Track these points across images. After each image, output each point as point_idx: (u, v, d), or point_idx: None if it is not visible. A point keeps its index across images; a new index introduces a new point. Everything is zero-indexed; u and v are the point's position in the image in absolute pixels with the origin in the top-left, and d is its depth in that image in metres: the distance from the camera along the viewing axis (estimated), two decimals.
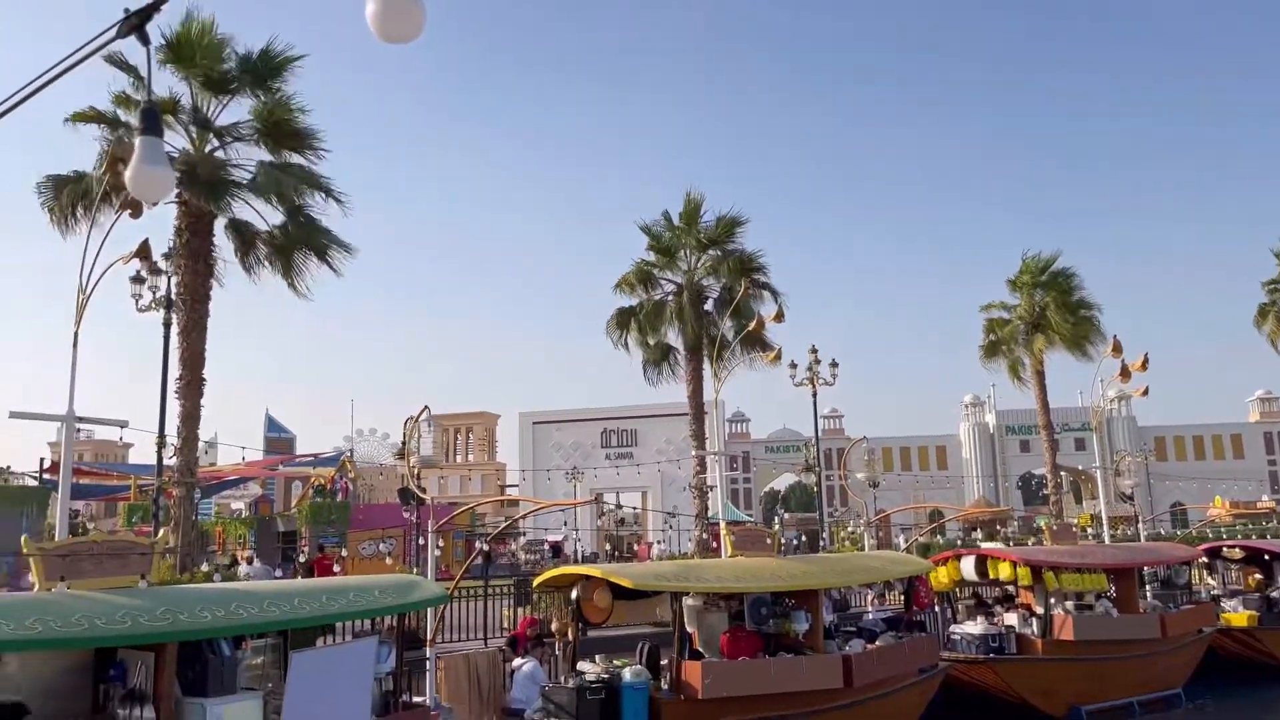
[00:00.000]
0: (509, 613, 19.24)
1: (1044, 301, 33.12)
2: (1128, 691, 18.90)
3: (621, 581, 12.93)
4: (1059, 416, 50.81)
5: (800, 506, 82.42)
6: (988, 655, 17.79)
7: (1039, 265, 33.76)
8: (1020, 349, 34.07)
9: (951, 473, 69.29)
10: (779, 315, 21.94)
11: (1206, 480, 63.96)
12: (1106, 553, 20.79)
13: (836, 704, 13.96)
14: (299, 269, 21.37)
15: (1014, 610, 19.31)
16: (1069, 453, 60.89)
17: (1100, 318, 33.30)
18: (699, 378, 30.00)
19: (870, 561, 17.93)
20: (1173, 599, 21.86)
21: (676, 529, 44.59)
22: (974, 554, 19.78)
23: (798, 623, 14.20)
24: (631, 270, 31.29)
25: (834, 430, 66.28)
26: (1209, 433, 69.90)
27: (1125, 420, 67.25)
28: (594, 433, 69.70)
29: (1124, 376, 27.07)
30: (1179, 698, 19.80)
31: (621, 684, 12.38)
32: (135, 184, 4.81)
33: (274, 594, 9.04)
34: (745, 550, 14.95)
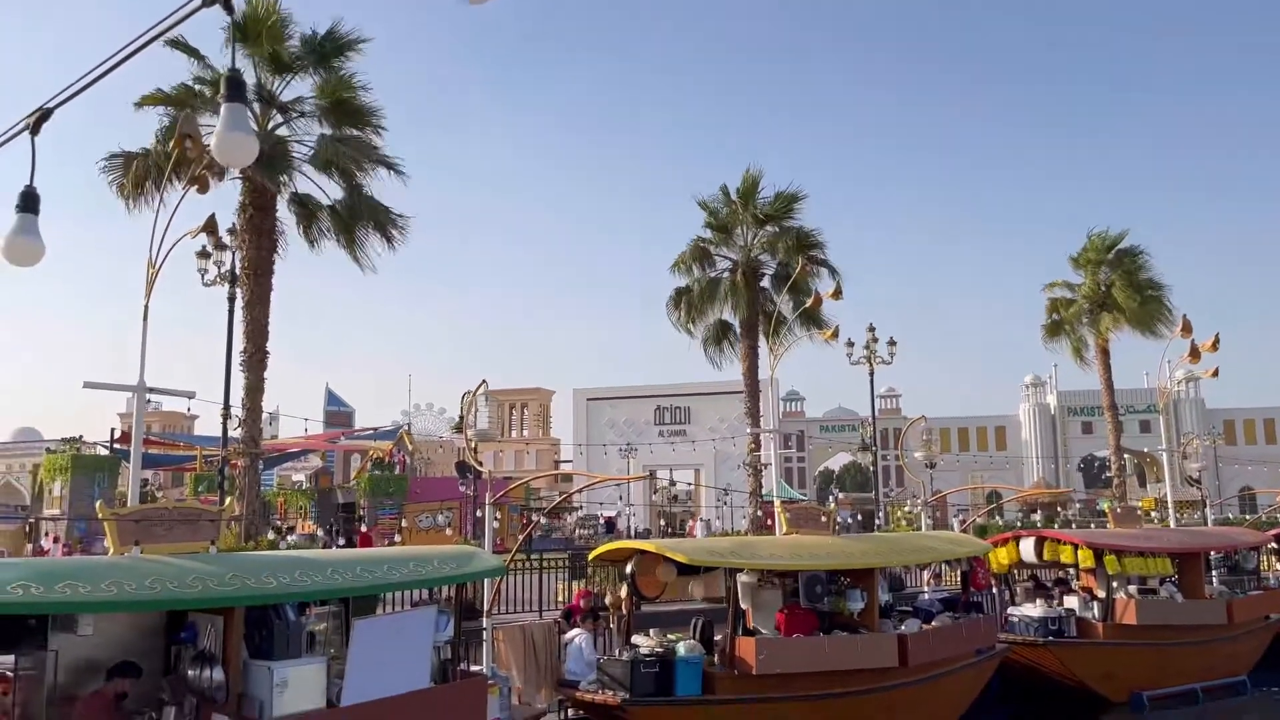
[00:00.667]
0: (564, 586, 19.45)
1: (1110, 280, 32.35)
2: (1191, 678, 18.51)
3: (676, 557, 12.98)
4: (1122, 398, 49.70)
5: (855, 486, 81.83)
6: (1047, 638, 17.56)
7: (1105, 243, 32.96)
8: (1084, 328, 33.38)
9: (1010, 454, 68.26)
10: (837, 292, 21.68)
11: (1277, 464, 62.18)
12: (1171, 536, 20.35)
13: (891, 683, 13.90)
14: (360, 242, 21.70)
15: (1074, 594, 19.02)
16: (1133, 435, 59.53)
17: (1170, 297, 32.48)
18: (754, 355, 29.90)
19: (927, 541, 17.75)
20: (1240, 585, 21.34)
21: (730, 506, 44.66)
22: (1034, 535, 19.49)
23: (853, 601, 14.13)
24: (688, 249, 31.23)
25: (891, 410, 65.61)
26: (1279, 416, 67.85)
27: (1193, 402, 65.60)
28: (647, 410, 69.87)
29: (1193, 357, 26.39)
30: (1244, 685, 19.35)
31: (675, 658, 12.45)
32: (221, 149, 4.94)
33: (337, 562, 9.24)
34: (800, 528, 14.91)
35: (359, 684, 8.77)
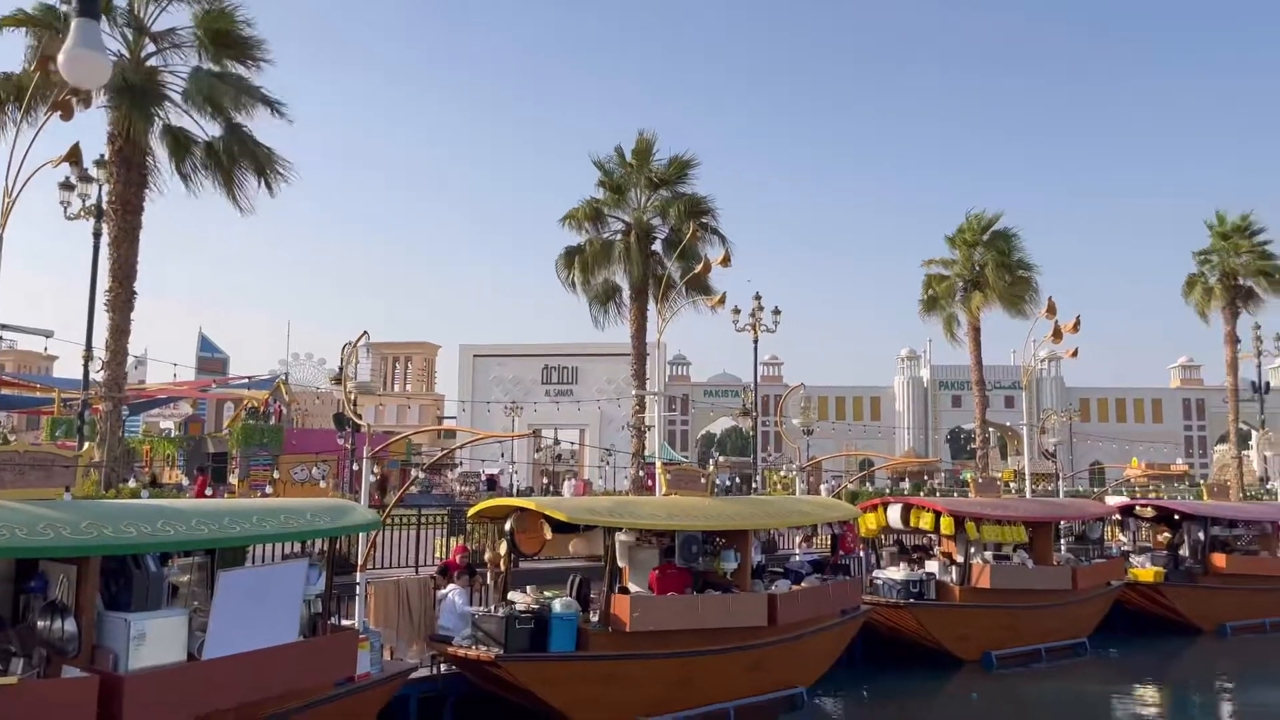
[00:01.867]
0: (442, 543, 19.30)
1: (984, 260, 33.62)
2: (1037, 639, 19.69)
3: (556, 515, 13.03)
4: (991, 374, 51.95)
5: (736, 451, 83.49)
6: (908, 600, 18.37)
7: (981, 224, 34.19)
8: (957, 306, 34.66)
9: (884, 424, 70.64)
10: (725, 260, 21.93)
11: (1126, 441, 66.19)
12: (1026, 507, 21.45)
13: (760, 641, 14.34)
14: (239, 183, 20.80)
15: (934, 558, 19.92)
16: (998, 409, 62.38)
17: (1038, 279, 33.97)
18: (643, 318, 30.04)
19: (800, 505, 18.28)
20: (1085, 553, 22.69)
21: (613, 467, 44.98)
22: (901, 502, 20.30)
23: (727, 561, 14.48)
24: (581, 206, 31.03)
25: (773, 377, 66.98)
26: (1131, 396, 72.13)
27: (1054, 380, 69.02)
28: (534, 368, 69.51)
29: (1056, 337, 27.71)
30: (1084, 646, 20.69)
31: (551, 614, 12.54)
32: (69, 67, 4.55)
33: (203, 513, 8.94)
34: (679, 489, 15.15)
35: (222, 637, 8.54)
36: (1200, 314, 38.17)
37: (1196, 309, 38.19)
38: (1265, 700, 17.53)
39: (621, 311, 31.30)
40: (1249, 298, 37.62)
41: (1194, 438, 70.74)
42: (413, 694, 12.59)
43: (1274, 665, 20.89)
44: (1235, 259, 37.07)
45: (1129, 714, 16.91)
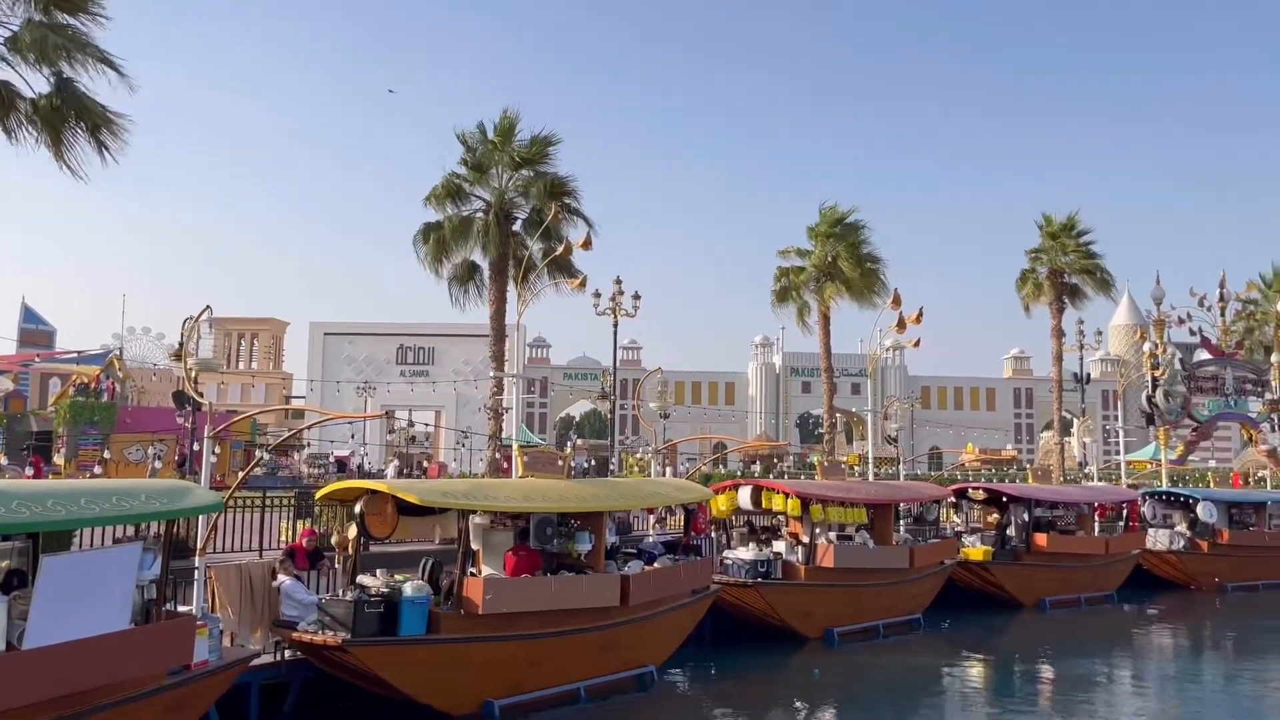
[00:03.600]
0: (288, 526, 18.69)
1: (836, 251, 34.78)
2: (876, 615, 20.64)
3: (408, 497, 12.81)
4: (839, 362, 53.82)
5: (594, 434, 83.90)
6: (756, 579, 18.94)
7: (835, 216, 35.36)
8: (809, 295, 35.77)
9: (738, 408, 72.34)
10: (587, 242, 21.96)
11: (962, 428, 69.97)
12: (868, 489, 22.40)
13: (613, 621, 14.53)
14: (68, 144, 19.38)
15: (783, 539, 20.59)
16: (846, 396, 64.79)
17: (885, 271, 35.39)
18: (502, 299, 29.74)
19: (654, 488, 18.58)
20: (922, 533, 23.89)
21: (470, 449, 44.49)
22: (751, 484, 20.89)
23: (581, 543, 14.58)
24: (441, 184, 30.41)
25: (632, 361, 67.56)
26: (968, 385, 76.21)
27: (898, 369, 72.16)
28: (389, 348, 67.94)
29: (900, 328, 28.99)
30: (919, 622, 21.83)
31: (401, 598, 12.35)
32: None
33: (24, 494, 8.38)
34: (535, 472, 15.14)
35: (45, 625, 8.06)
36: (1025, 308, 40.70)
37: (1025, 303, 40.68)
38: (1077, 670, 18.89)
39: (481, 292, 30.90)
40: (1074, 294, 40.28)
41: (1023, 425, 75.34)
42: (254, 682, 12.18)
43: (1085, 637, 22.52)
44: (1062, 257, 39.62)
45: (958, 685, 17.94)
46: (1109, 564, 27.02)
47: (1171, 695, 17.54)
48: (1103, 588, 26.80)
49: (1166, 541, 29.58)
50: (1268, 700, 17.23)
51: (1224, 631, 24.56)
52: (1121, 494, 29.79)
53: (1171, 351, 37.55)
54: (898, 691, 16.76)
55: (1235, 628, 24.76)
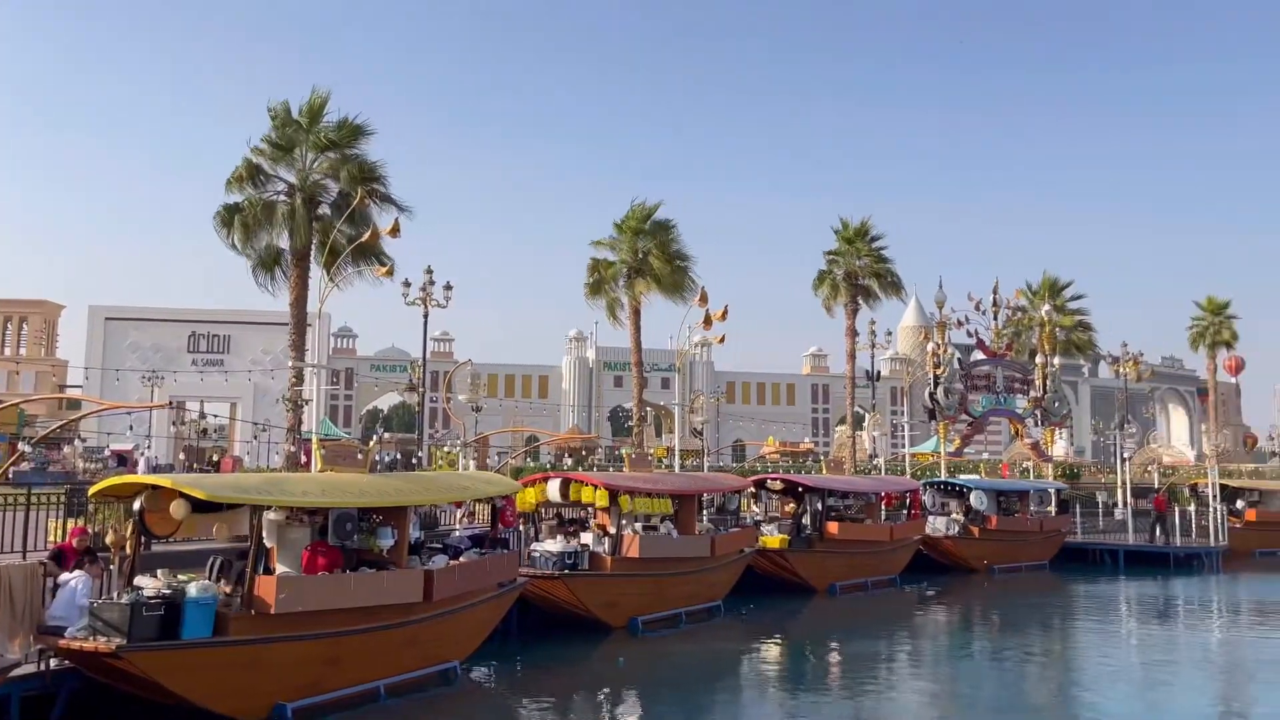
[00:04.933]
0: (58, 525, 17.22)
1: (648, 248, 35.42)
2: (679, 603, 21.21)
3: (193, 493, 12.09)
4: (650, 357, 54.84)
5: (402, 427, 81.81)
6: (562, 571, 19.05)
7: (644, 213, 35.97)
8: (621, 290, 36.26)
9: (551, 402, 72.43)
10: (395, 229, 21.36)
11: (764, 421, 72.82)
12: (674, 481, 22.97)
13: (416, 617, 14.25)
14: None
15: (590, 531, 20.80)
16: (656, 390, 66.11)
17: (695, 269, 36.34)
18: (305, 285, 28.56)
19: (461, 481, 18.36)
20: (724, 523, 24.72)
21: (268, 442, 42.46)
22: (560, 477, 20.99)
23: (383, 538, 14.22)
24: (244, 164, 28.84)
25: (443, 353, 66.33)
26: (770, 381, 79.45)
27: (706, 365, 74.25)
28: (180, 335, 63.80)
29: (707, 325, 29.91)
30: (719, 609, 22.59)
31: (185, 599, 11.64)
32: None
33: None
34: (335, 465, 14.63)
35: None
36: (826, 308, 42.84)
37: (824, 303, 42.80)
38: (863, 650, 20.10)
39: (285, 277, 29.53)
40: (868, 295, 42.71)
41: (820, 419, 79.22)
42: (14, 693, 11.20)
43: (871, 619, 23.99)
44: (856, 261, 41.93)
45: (754, 668, 18.70)
46: (893, 550, 28.84)
47: (946, 669, 18.94)
48: (888, 572, 28.57)
49: (944, 528, 31.87)
50: (1029, 669, 18.91)
51: (992, 609, 26.72)
52: (905, 484, 31.87)
53: (951, 352, 40.43)
54: (697, 676, 17.27)
55: (1001, 606, 26.98)
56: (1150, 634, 23.73)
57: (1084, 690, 17.19)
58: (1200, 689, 17.35)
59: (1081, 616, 25.82)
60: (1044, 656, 20.48)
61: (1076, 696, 16.72)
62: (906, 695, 16.38)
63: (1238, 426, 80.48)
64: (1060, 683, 17.88)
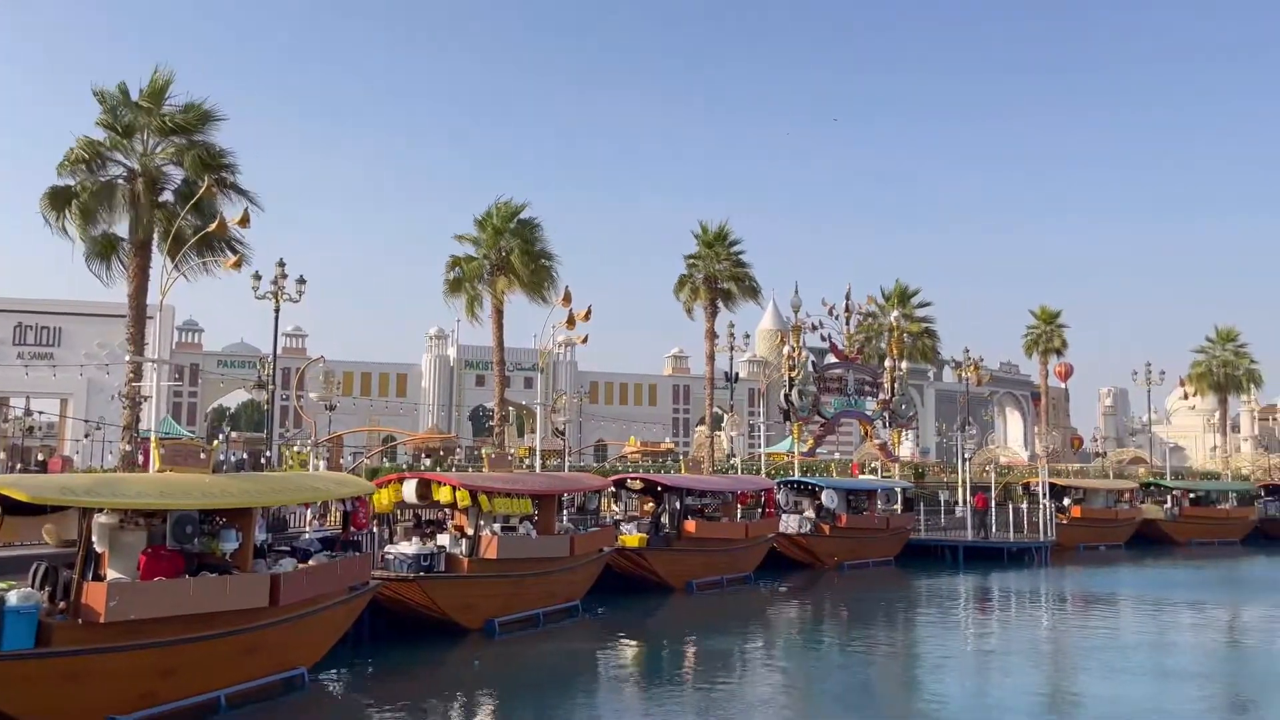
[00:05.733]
0: None
1: (510, 246, 35.05)
2: (537, 604, 21.13)
3: (15, 494, 11.29)
4: (513, 356, 54.43)
5: (251, 425, 78.47)
6: (417, 573, 18.69)
7: (509, 211, 35.59)
8: (483, 288, 35.77)
9: (411, 401, 70.92)
10: (244, 219, 20.48)
11: (627, 422, 73.29)
12: (534, 481, 22.88)
13: (261, 623, 13.70)
14: None
15: (447, 531, 20.49)
16: (519, 390, 65.60)
17: (558, 268, 36.14)
18: (144, 276, 27.00)
19: (311, 482, 17.79)
20: (584, 523, 24.81)
21: (102, 441, 40.06)
22: (416, 477, 20.60)
23: (226, 542, 13.63)
24: (78, 146, 27.00)
25: (296, 350, 64.01)
26: (632, 381, 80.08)
27: (569, 364, 74.21)
28: (4, 326, 59.43)
29: (570, 324, 29.89)
30: (577, 609, 22.62)
31: (4, 608, 10.86)
32: None
33: None
34: (175, 465, 13.92)
35: None
36: (687, 310, 43.43)
37: (684, 306, 43.38)
38: (718, 646, 20.50)
39: (124, 266, 27.81)
40: (727, 298, 43.48)
41: (680, 419, 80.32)
42: None
43: (726, 616, 24.49)
44: (716, 265, 42.67)
45: (610, 667, 18.79)
46: (748, 547, 29.54)
47: (797, 662, 19.52)
48: (742, 569, 29.25)
49: (796, 526, 32.86)
50: (874, 660, 19.67)
51: (840, 604, 27.70)
52: (760, 483, 32.69)
53: (806, 355, 41.72)
54: (554, 677, 17.25)
55: (849, 600, 28.01)
56: (985, 624, 25.11)
57: (924, 678, 18.04)
58: (1028, 675, 18.45)
59: (923, 609, 27.08)
60: (888, 647, 21.37)
61: (917, 684, 17.54)
62: (759, 689, 16.81)
63: (1066, 429, 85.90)
64: (903, 672, 18.71)
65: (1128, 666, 18.69)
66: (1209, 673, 18.54)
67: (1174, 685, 17.08)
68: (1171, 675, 17.98)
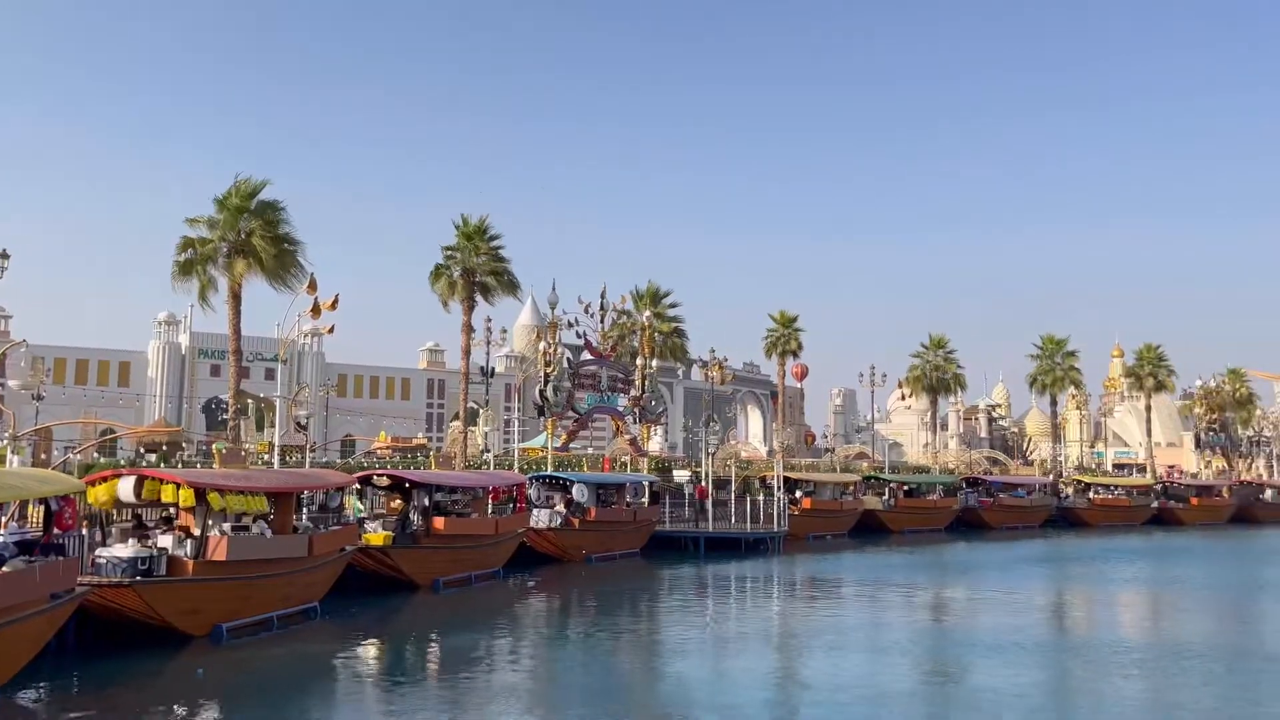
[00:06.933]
0: None
1: (251, 228, 32.89)
2: (272, 607, 19.96)
3: None
4: (253, 345, 51.31)
5: None
6: (134, 578, 17.18)
7: (250, 189, 33.32)
8: (217, 271, 33.33)
9: (136, 390, 65.21)
10: None
11: (378, 416, 70.96)
12: (270, 477, 21.67)
13: None
14: None
15: (170, 532, 18.98)
16: (259, 381, 61.88)
17: (305, 254, 34.28)
18: None
19: (8, 479, 15.87)
20: (325, 521, 23.75)
21: None
22: (134, 474, 18.95)
23: None
24: None
25: None
26: (384, 374, 77.68)
27: (316, 355, 70.88)
28: None
29: (315, 313, 28.53)
30: (316, 610, 21.59)
31: None
32: None
33: None
34: None
35: None
36: (444, 303, 42.61)
37: (441, 299, 42.53)
38: (463, 644, 20.18)
39: None
40: (485, 292, 43.06)
41: (435, 414, 78.79)
42: None
43: (474, 613, 24.21)
44: (475, 258, 42.15)
45: (350, 668, 18.07)
46: (498, 543, 29.40)
47: (543, 655, 19.58)
48: (492, 565, 29.07)
49: (546, 520, 33.07)
50: (619, 648, 20.13)
51: (588, 596, 28.14)
52: (512, 478, 32.63)
53: (561, 351, 42.07)
54: (288, 682, 16.39)
55: (596, 592, 28.51)
56: (723, 610, 26.36)
57: (665, 663, 18.67)
58: (761, 656, 19.54)
59: (666, 597, 28.04)
60: (632, 636, 21.94)
61: (659, 670, 18.12)
62: (504, 682, 16.75)
63: (801, 426, 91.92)
64: (646, 658, 19.26)
65: (847, 645, 20.23)
66: (918, 649, 20.35)
67: (887, 661, 18.63)
68: (885, 651, 19.60)
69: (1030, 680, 17.12)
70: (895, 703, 15.24)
